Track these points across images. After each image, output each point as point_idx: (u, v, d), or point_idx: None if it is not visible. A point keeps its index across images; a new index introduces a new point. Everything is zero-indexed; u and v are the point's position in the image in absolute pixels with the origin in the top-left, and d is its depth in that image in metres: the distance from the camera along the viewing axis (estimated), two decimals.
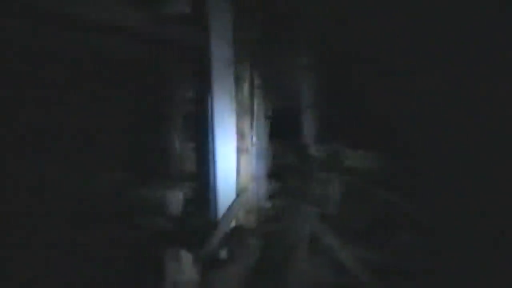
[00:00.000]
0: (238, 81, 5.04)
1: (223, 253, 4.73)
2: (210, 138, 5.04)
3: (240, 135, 5.15)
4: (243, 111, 5.14)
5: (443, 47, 5.11)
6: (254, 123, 5.25)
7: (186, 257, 4.24)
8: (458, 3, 4.94)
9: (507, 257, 4.42)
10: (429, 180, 5.20)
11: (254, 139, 5.25)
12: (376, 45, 5.39)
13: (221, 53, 4.95)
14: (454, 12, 4.96)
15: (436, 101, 5.20)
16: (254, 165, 5.25)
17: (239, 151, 5.10)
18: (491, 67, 4.85)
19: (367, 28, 5.34)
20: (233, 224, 4.93)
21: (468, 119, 4.97)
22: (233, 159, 5.05)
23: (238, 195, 5.04)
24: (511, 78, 4.70)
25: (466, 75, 4.96)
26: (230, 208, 4.87)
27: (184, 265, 4.23)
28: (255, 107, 5.21)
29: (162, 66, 6.82)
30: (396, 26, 5.28)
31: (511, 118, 4.75)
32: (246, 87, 5.06)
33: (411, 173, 5.39)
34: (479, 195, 4.81)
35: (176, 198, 5.82)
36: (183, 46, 6.07)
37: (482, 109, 4.87)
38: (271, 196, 5.50)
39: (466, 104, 4.94)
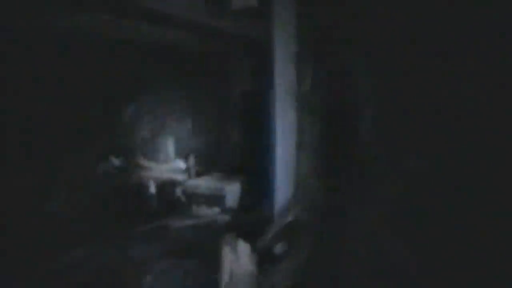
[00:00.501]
0: (300, 76, 5.03)
1: (279, 247, 4.76)
2: (270, 133, 5.06)
3: (300, 131, 5.15)
4: (304, 107, 5.14)
5: None
6: (314, 119, 5.23)
7: (244, 248, 4.29)
8: None
9: None
10: None
11: (313, 134, 5.23)
12: (443, 46, 5.25)
13: (284, 47, 4.95)
14: None
15: None
16: (312, 161, 5.23)
17: (299, 146, 5.10)
18: None
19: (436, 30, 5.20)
20: (289, 218, 4.94)
21: None
22: (292, 154, 5.05)
23: (296, 190, 5.04)
24: None
25: None
26: (287, 202, 4.88)
27: (241, 256, 4.28)
28: (316, 102, 5.19)
29: (225, 59, 6.93)
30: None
31: None
32: (308, 82, 5.05)
33: None
34: None
35: (234, 190, 5.90)
36: (246, 39, 6.14)
37: None
38: (328, 192, 5.47)
39: None
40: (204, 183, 6.27)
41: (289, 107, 4.93)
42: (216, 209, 5.84)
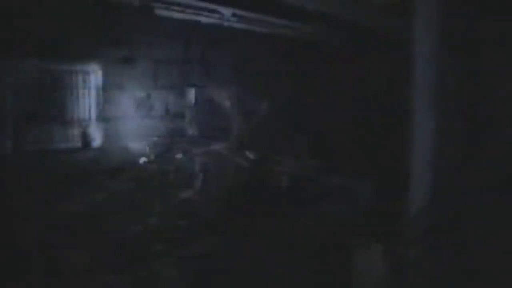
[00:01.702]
0: (441, 75, 4.79)
1: (415, 251, 4.59)
2: (407, 132, 4.89)
3: (440, 130, 4.91)
4: (444, 106, 4.89)
5: None
6: (455, 119, 4.96)
7: (376, 250, 4.21)
8: None
9: None
10: None
11: (454, 135, 4.97)
12: None
13: (425, 45, 4.75)
14: None
15: None
16: (451, 162, 4.97)
17: (437, 146, 4.87)
18: None
19: None
20: (426, 221, 4.75)
21: None
22: (430, 154, 4.84)
23: (433, 191, 4.84)
24: None
25: None
26: (424, 204, 4.70)
27: (373, 258, 4.20)
28: (458, 102, 4.92)
29: (365, 54, 6.82)
30: None
31: None
32: (450, 80, 4.79)
33: None
34: None
35: (367, 189, 5.80)
36: (387, 36, 5.99)
37: None
38: (466, 195, 5.18)
39: None
40: (336, 180, 6.23)
41: (428, 106, 4.73)
42: (347, 208, 5.79)
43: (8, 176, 5.02)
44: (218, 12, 6.60)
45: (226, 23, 6.82)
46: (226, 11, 6.60)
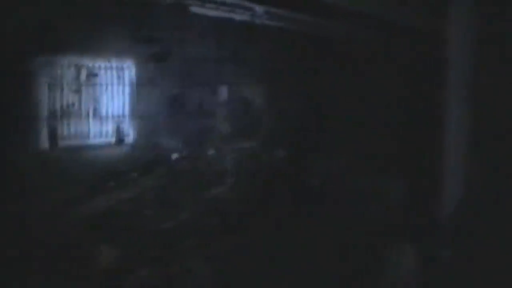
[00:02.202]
0: (476, 72, 4.70)
1: (447, 252, 4.53)
2: (441, 130, 4.82)
3: (474, 128, 4.83)
4: (480, 103, 4.80)
5: None
6: (491, 117, 4.86)
7: (408, 250, 4.17)
8: None
9: None
10: None
11: (489, 133, 4.87)
12: None
13: (460, 42, 4.66)
14: None
15: None
16: (486, 162, 4.88)
17: (472, 144, 4.79)
18: None
19: None
20: (459, 222, 4.68)
21: None
22: (463, 152, 4.76)
23: (466, 192, 4.76)
24: None
25: None
26: (457, 207, 4.62)
27: (405, 258, 4.16)
28: (494, 100, 4.82)
29: (398, 53, 6.74)
30: None
31: None
32: (486, 79, 4.69)
33: None
34: None
35: (399, 188, 5.73)
36: (421, 33, 5.91)
37: None
38: (499, 198, 5.07)
39: None
40: (366, 179, 6.18)
41: (463, 105, 4.64)
42: (379, 207, 5.73)
43: (44, 172, 5.14)
44: (251, 9, 6.61)
45: (258, 21, 6.82)
46: (259, 9, 6.60)
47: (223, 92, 7.01)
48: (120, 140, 5.87)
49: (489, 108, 4.84)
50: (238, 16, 6.59)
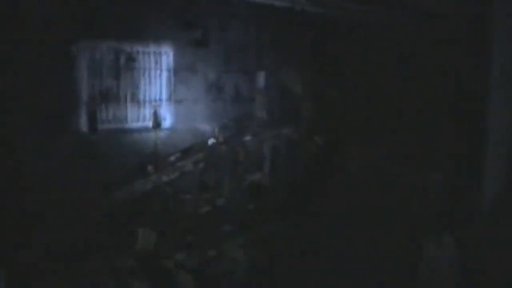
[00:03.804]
0: None
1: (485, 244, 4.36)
2: (484, 119, 4.62)
3: None
4: None
5: None
6: None
7: (448, 243, 4.05)
8: None
9: None
10: None
11: None
12: None
13: (505, 27, 4.44)
14: None
15: None
16: None
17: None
18: None
19: None
20: (499, 214, 4.50)
21: None
22: (508, 144, 4.56)
23: (507, 186, 4.56)
24: None
25: None
26: (499, 197, 4.45)
27: (445, 249, 4.04)
28: None
29: (441, 41, 6.54)
30: None
31: None
32: None
33: None
34: None
35: (440, 180, 5.58)
36: (464, 20, 5.70)
37: None
38: None
39: None
40: (407, 170, 6.05)
41: (505, 96, 4.43)
42: (419, 198, 5.59)
43: (83, 154, 5.25)
44: None
45: (298, 7, 6.74)
46: None
47: (262, 78, 6.97)
48: (157, 124, 5.94)
49: None
50: (278, 3, 6.53)
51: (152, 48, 5.88)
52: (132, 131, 5.77)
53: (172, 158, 5.99)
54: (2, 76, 4.83)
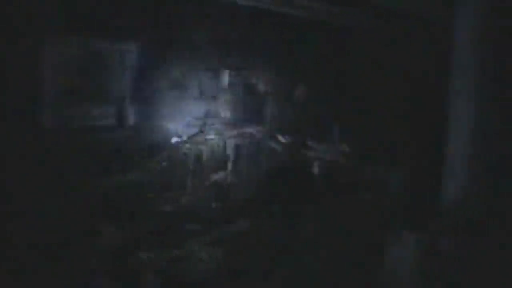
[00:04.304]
0: (481, 61, 4.62)
1: (445, 244, 4.51)
2: (444, 120, 4.76)
3: (478, 119, 4.74)
4: (484, 93, 4.72)
5: None
6: (495, 108, 4.79)
7: (408, 239, 4.15)
8: None
9: None
10: None
11: (494, 125, 4.80)
12: None
13: (465, 31, 4.58)
14: None
15: None
16: (490, 155, 4.81)
17: (475, 136, 4.73)
18: None
19: None
20: (459, 215, 4.66)
21: None
22: (466, 144, 4.70)
23: (468, 185, 4.72)
24: None
25: None
26: (457, 198, 4.60)
27: (406, 248, 4.15)
28: (499, 90, 4.74)
29: (406, 41, 6.71)
30: None
31: None
32: (489, 72, 4.61)
33: None
34: None
35: (399, 178, 5.72)
36: (425, 21, 5.85)
37: None
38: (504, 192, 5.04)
39: None
40: (368, 168, 6.18)
41: (467, 95, 4.57)
42: (380, 196, 5.73)
43: (48, 151, 5.14)
44: None
45: (264, 7, 6.78)
46: None
47: (226, 77, 6.97)
48: (121, 122, 5.88)
49: (493, 101, 4.80)
50: (244, 2, 6.54)
51: (116, 45, 5.82)
52: (95, 129, 5.70)
53: (135, 156, 5.94)
54: None
